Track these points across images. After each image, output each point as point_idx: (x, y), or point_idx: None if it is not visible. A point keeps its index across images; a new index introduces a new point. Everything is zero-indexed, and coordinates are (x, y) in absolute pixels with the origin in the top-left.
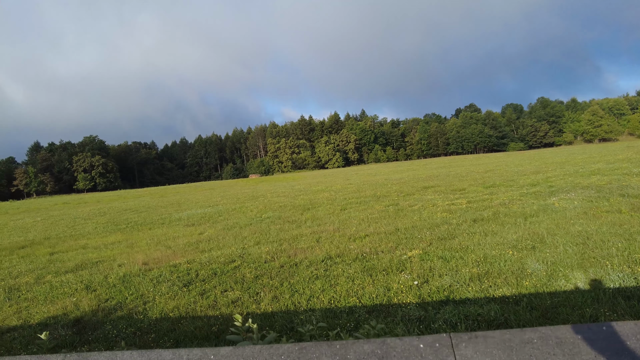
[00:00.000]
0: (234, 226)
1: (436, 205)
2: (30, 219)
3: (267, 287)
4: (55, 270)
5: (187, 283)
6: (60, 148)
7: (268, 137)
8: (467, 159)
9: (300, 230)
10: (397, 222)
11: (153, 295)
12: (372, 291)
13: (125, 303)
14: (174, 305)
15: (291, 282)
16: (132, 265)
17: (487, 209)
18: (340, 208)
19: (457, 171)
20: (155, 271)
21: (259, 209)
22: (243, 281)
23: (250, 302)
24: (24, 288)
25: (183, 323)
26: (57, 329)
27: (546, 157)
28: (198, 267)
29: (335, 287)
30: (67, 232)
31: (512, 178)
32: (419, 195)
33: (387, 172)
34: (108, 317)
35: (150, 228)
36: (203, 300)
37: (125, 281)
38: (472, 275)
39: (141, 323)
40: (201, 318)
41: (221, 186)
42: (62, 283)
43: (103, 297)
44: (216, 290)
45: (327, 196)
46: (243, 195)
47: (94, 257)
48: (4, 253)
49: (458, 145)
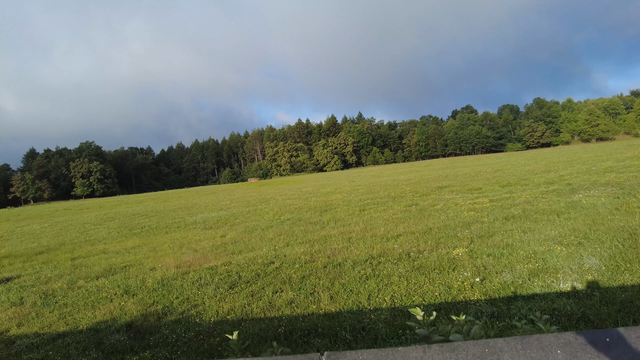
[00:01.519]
0: (255, 228)
1: (458, 204)
2: (37, 225)
3: (319, 288)
4: (85, 276)
5: (232, 285)
6: (56, 154)
7: (265, 140)
8: (468, 160)
9: (326, 231)
10: (426, 221)
11: (201, 298)
12: (433, 289)
13: (173, 307)
14: (228, 308)
15: (342, 282)
16: (165, 269)
17: (513, 207)
18: (358, 209)
19: (464, 171)
20: (192, 274)
21: (274, 211)
22: (290, 282)
23: (307, 303)
24: (59, 293)
25: (245, 325)
26: (110, 334)
27: (550, 156)
28: (237, 269)
29: (391, 286)
30: (80, 238)
31: (525, 177)
32: (436, 195)
33: (391, 174)
34: (160, 322)
35: (166, 232)
36: (257, 302)
37: (165, 285)
38: (530, 271)
39: (199, 327)
40: (262, 320)
41: (223, 190)
42: (98, 288)
43: (147, 302)
44: (266, 292)
45: (340, 198)
46: (251, 199)
47: (119, 262)
48: (22, 259)
49: (456, 146)
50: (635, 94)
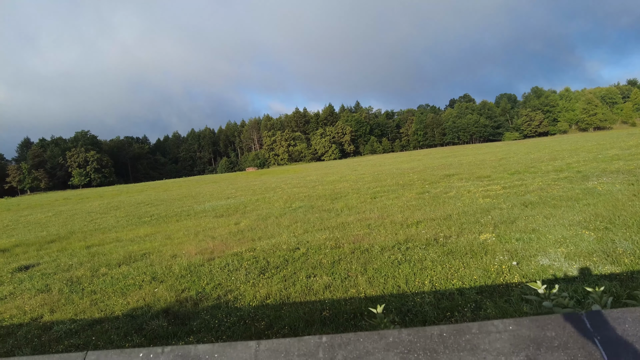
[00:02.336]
0: (269, 216)
1: (471, 191)
2: (41, 215)
3: (353, 272)
4: (106, 263)
5: (262, 270)
6: (52, 143)
7: (263, 130)
8: (468, 149)
9: (342, 218)
10: (442, 208)
11: (233, 283)
12: (470, 273)
13: (206, 293)
14: (265, 293)
15: (374, 266)
16: (188, 256)
17: (527, 194)
18: (370, 197)
19: (468, 160)
20: (218, 260)
21: (283, 199)
22: (321, 267)
23: (345, 287)
24: (84, 281)
25: (286, 309)
26: (148, 320)
27: (551, 145)
28: (263, 255)
29: (426, 270)
30: (89, 226)
31: (532, 165)
32: (446, 182)
33: (393, 163)
34: (197, 307)
35: (177, 220)
36: (293, 286)
37: (192, 271)
38: (565, 254)
39: (240, 311)
40: (303, 304)
41: (224, 179)
42: (123, 275)
43: (178, 288)
44: (299, 276)
45: (347, 186)
46: (256, 187)
47: (137, 250)
48: (35, 247)
49: (454, 135)
50: (632, 83)
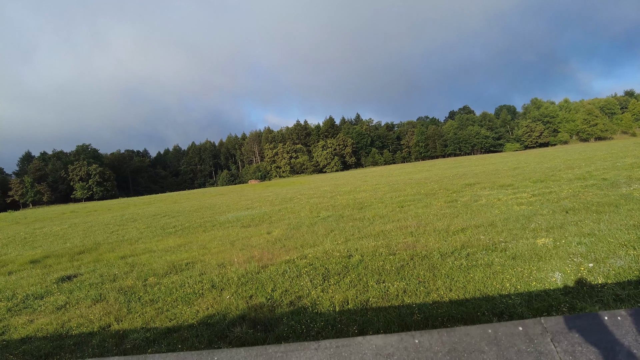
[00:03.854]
0: (300, 225)
1: (501, 199)
2: (56, 227)
3: (423, 277)
4: (152, 273)
5: (325, 277)
6: (53, 157)
7: (264, 142)
8: (472, 160)
9: (378, 227)
10: (480, 216)
11: (301, 290)
12: (546, 276)
13: (275, 298)
14: (341, 298)
15: (443, 272)
16: (236, 264)
17: (561, 201)
18: (397, 206)
19: (480, 170)
20: (272, 268)
21: (306, 209)
22: (387, 273)
23: (423, 291)
24: (138, 290)
25: (372, 314)
26: (228, 327)
27: (560, 155)
28: (318, 262)
29: (500, 274)
30: (112, 238)
31: (551, 174)
32: (469, 191)
33: (401, 174)
34: (274, 313)
35: (204, 230)
36: (369, 292)
37: (251, 279)
38: (636, 256)
39: (323, 316)
40: (388, 309)
41: (230, 191)
42: (178, 284)
43: (244, 295)
44: (369, 282)
45: (367, 196)
46: (271, 199)
47: (175, 259)
48: (66, 259)
49: (455, 146)
50: (630, 94)
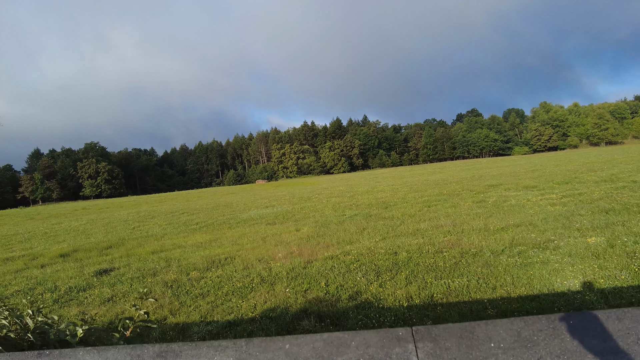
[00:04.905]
0: (327, 223)
1: (531, 200)
2: (74, 223)
3: (482, 274)
4: (193, 267)
5: (377, 273)
6: (62, 155)
7: (271, 143)
8: (483, 162)
9: (412, 225)
10: (515, 215)
11: (357, 285)
12: (614, 273)
13: (332, 293)
14: (404, 294)
15: (499, 269)
16: (277, 259)
17: (596, 202)
18: (423, 205)
19: (497, 172)
20: (317, 263)
21: (329, 208)
22: (441, 269)
23: (487, 288)
24: (184, 285)
25: (442, 309)
26: (293, 320)
27: (575, 158)
28: (364, 259)
29: (560, 271)
30: (135, 234)
31: (573, 176)
32: (494, 192)
33: (414, 175)
34: (336, 307)
35: (229, 227)
36: (431, 288)
37: (300, 273)
38: None
39: (391, 311)
40: (456, 304)
41: (241, 191)
42: (224, 278)
43: (298, 289)
44: (425, 278)
45: (388, 196)
46: (287, 198)
47: (211, 254)
48: (95, 253)
49: (464, 149)
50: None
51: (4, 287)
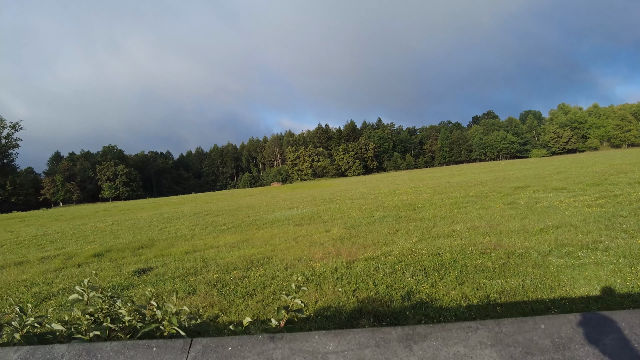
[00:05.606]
0: (357, 225)
1: (564, 202)
2: (99, 224)
3: (534, 275)
4: (234, 267)
5: (425, 273)
6: (81, 157)
7: (285, 145)
8: (502, 165)
9: (446, 227)
10: (552, 217)
11: (407, 285)
12: None
13: (382, 292)
14: (458, 294)
15: (551, 270)
16: (316, 259)
17: (636, 203)
18: (453, 207)
19: (520, 174)
20: (360, 264)
21: (355, 209)
22: (488, 270)
23: (542, 288)
24: (228, 283)
25: (503, 309)
26: (351, 319)
27: (599, 160)
28: (407, 259)
29: (618, 272)
30: (165, 235)
31: (603, 178)
32: (523, 194)
33: (433, 177)
34: (390, 307)
35: (257, 228)
36: (487, 288)
37: (345, 273)
38: None
39: (449, 311)
40: (514, 304)
41: (258, 193)
42: (268, 277)
43: (347, 289)
44: (476, 278)
45: (413, 197)
46: (309, 199)
47: (247, 254)
48: (127, 253)
49: (481, 152)
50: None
51: (49, 285)
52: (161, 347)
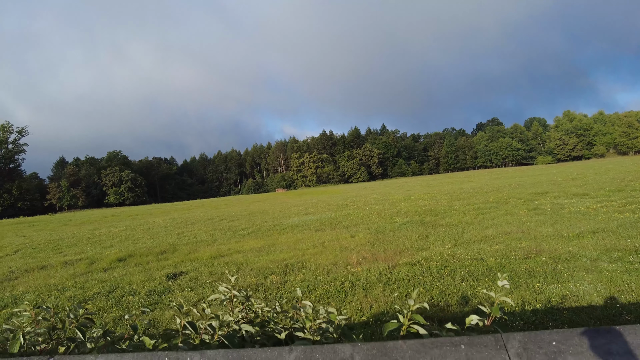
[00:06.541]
0: (382, 230)
1: (590, 207)
2: (113, 229)
3: (590, 279)
4: (270, 271)
5: (474, 278)
6: (86, 163)
7: (290, 152)
8: (511, 172)
9: (476, 232)
10: (583, 222)
11: (464, 289)
12: None
13: (436, 298)
14: (519, 298)
15: (606, 274)
16: (354, 264)
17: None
18: (477, 213)
19: (534, 180)
20: (402, 269)
21: (375, 215)
22: (541, 275)
23: (606, 293)
24: (270, 288)
25: (567, 314)
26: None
27: (611, 167)
28: (450, 264)
29: None
30: (184, 240)
31: (623, 184)
32: (545, 200)
33: (443, 184)
34: (450, 312)
35: (279, 233)
36: (544, 293)
37: (390, 279)
38: None
39: (517, 316)
40: (580, 309)
41: (266, 199)
42: (310, 282)
43: (400, 294)
44: (529, 283)
45: (430, 203)
46: (322, 205)
47: (278, 259)
48: (151, 258)
49: (486, 158)
50: None
51: (81, 289)
52: (471, 345)
